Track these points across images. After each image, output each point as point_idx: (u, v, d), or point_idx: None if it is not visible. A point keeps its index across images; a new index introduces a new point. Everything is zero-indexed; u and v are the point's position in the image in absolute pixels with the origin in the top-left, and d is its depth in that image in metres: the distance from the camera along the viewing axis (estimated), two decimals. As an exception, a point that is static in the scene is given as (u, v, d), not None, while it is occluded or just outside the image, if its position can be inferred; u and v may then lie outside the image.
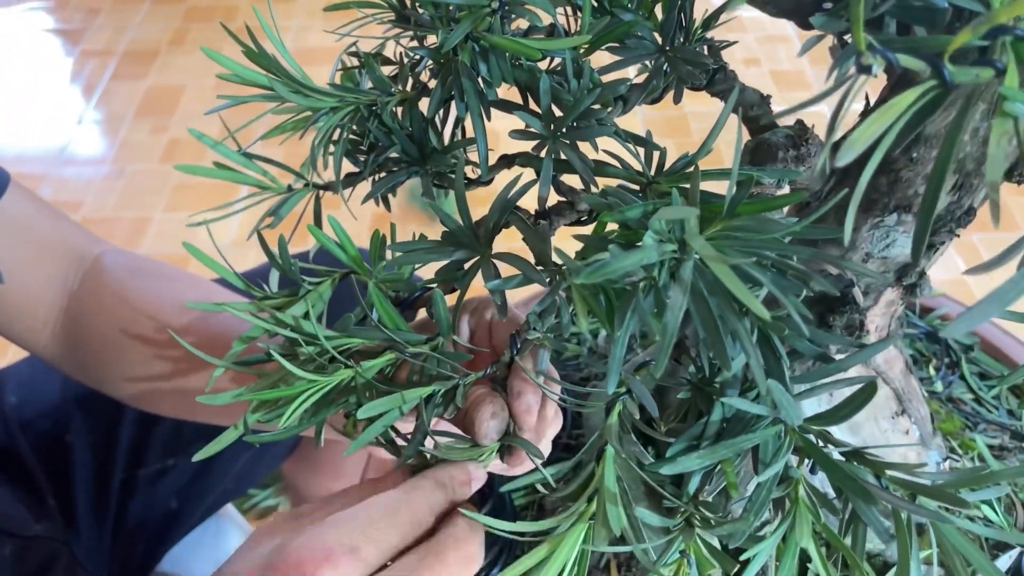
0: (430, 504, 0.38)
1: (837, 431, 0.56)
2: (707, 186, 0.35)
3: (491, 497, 0.64)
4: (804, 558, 0.60)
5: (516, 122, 0.43)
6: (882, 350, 0.35)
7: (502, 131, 0.44)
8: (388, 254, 0.49)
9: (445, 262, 0.44)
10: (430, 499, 0.38)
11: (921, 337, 0.77)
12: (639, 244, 0.31)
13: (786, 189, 0.52)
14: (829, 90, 0.27)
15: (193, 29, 2.53)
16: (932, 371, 0.74)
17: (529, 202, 0.45)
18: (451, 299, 0.48)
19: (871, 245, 0.51)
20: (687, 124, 2.08)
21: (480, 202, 0.43)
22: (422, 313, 0.52)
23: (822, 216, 0.54)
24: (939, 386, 0.73)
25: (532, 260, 0.41)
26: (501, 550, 0.62)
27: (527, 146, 0.45)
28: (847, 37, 0.33)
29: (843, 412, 0.31)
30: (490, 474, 0.65)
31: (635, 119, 2.05)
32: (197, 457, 0.43)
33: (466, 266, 0.44)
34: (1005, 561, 0.61)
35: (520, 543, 0.37)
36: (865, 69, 0.25)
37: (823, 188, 0.52)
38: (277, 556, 0.35)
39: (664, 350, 0.26)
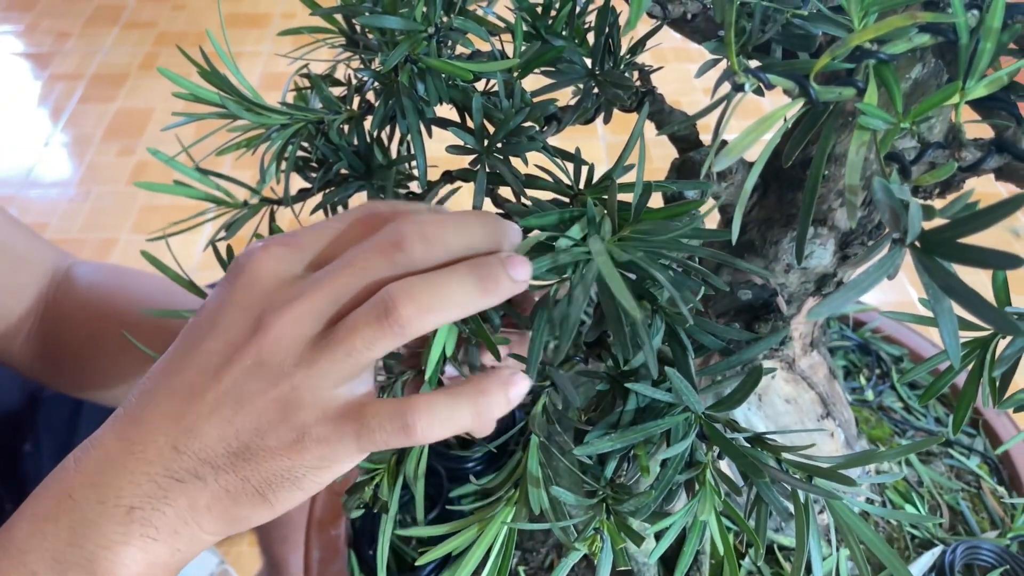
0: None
1: (763, 428, 0.60)
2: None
3: (439, 504, 0.66)
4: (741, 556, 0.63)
5: (457, 141, 0.47)
6: (774, 343, 0.39)
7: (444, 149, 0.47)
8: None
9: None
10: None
11: (854, 349, 0.81)
12: (555, 246, 0.34)
13: (710, 202, 0.56)
14: (712, 104, 0.30)
15: (163, 54, 2.55)
16: (863, 380, 0.78)
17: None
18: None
19: (791, 256, 0.55)
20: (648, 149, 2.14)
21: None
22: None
23: (745, 228, 0.58)
24: (870, 395, 0.77)
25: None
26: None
27: (468, 163, 0.48)
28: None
29: (736, 397, 0.34)
30: (439, 484, 0.67)
31: (597, 143, 2.10)
32: None
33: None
34: (928, 558, 0.65)
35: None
36: (739, 87, 0.28)
37: (746, 203, 0.56)
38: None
39: (566, 337, 0.29)
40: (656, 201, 0.45)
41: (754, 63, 0.32)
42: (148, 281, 0.69)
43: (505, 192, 0.49)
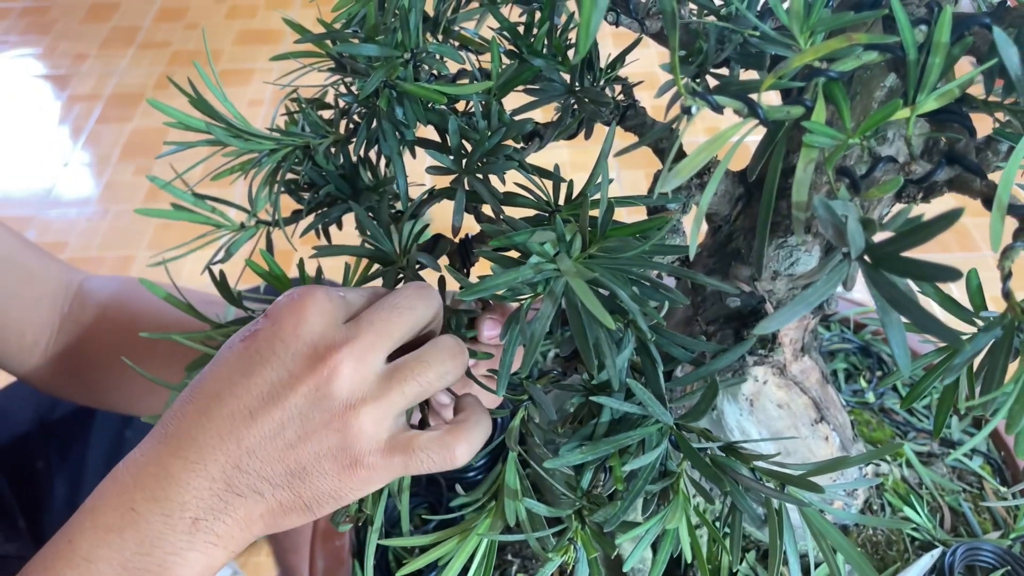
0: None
1: (756, 434, 0.60)
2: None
3: (440, 512, 0.67)
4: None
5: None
6: (736, 357, 0.39)
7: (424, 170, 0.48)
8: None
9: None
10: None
11: (855, 351, 0.81)
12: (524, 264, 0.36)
13: (692, 212, 0.56)
14: (668, 123, 0.31)
15: (178, 73, 2.59)
16: (864, 383, 0.78)
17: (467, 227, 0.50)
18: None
19: (778, 264, 0.56)
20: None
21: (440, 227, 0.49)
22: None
23: (731, 236, 0.58)
24: (871, 397, 0.77)
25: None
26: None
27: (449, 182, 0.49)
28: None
29: (700, 408, 0.35)
30: (440, 493, 0.68)
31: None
32: None
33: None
34: (927, 560, 0.65)
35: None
36: (686, 110, 0.29)
37: (731, 212, 0.57)
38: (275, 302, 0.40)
39: (530, 353, 0.30)
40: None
41: (713, 82, 0.33)
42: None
43: (488, 210, 0.50)
